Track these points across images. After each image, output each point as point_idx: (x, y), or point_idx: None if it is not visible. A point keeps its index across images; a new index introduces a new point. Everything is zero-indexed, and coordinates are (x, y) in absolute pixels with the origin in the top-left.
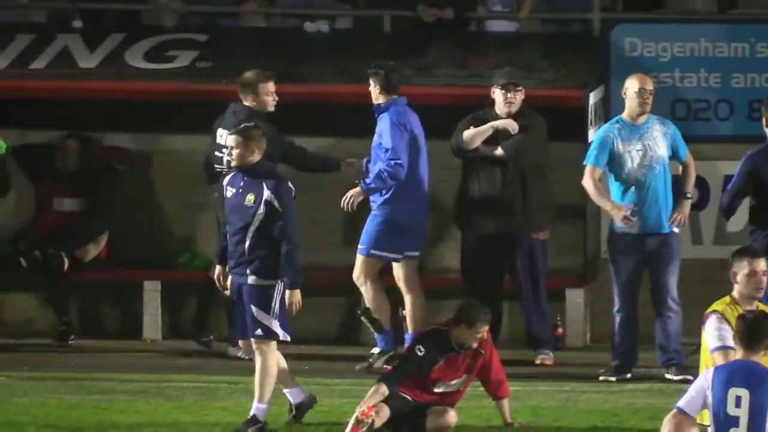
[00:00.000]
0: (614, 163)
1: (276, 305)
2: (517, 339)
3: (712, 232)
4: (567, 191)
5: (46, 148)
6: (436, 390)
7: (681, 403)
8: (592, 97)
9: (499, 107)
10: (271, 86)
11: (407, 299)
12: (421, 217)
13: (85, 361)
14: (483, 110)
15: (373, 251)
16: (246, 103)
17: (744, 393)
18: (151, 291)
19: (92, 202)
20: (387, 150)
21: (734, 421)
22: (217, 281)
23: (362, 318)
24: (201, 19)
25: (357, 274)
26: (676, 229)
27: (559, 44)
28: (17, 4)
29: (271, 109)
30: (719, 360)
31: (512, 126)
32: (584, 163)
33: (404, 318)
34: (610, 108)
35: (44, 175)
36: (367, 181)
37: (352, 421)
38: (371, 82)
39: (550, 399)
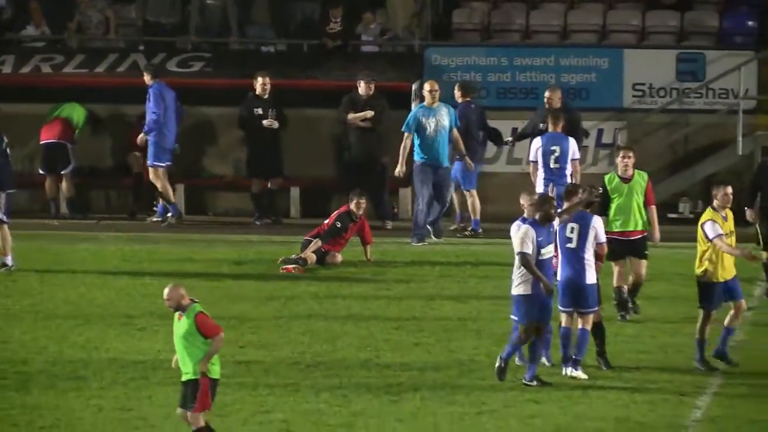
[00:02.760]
0: (420, 129)
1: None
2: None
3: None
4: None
5: None
6: (340, 242)
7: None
8: (414, 86)
9: (362, 92)
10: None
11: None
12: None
13: None
14: (353, 93)
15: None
16: None
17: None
18: None
19: None
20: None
21: None
22: None
23: (159, 196)
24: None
25: (152, 177)
26: (448, 165)
27: (397, 58)
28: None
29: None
30: (718, 241)
31: (370, 115)
32: (402, 130)
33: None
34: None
35: None
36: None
37: (290, 264)
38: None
39: (402, 249)
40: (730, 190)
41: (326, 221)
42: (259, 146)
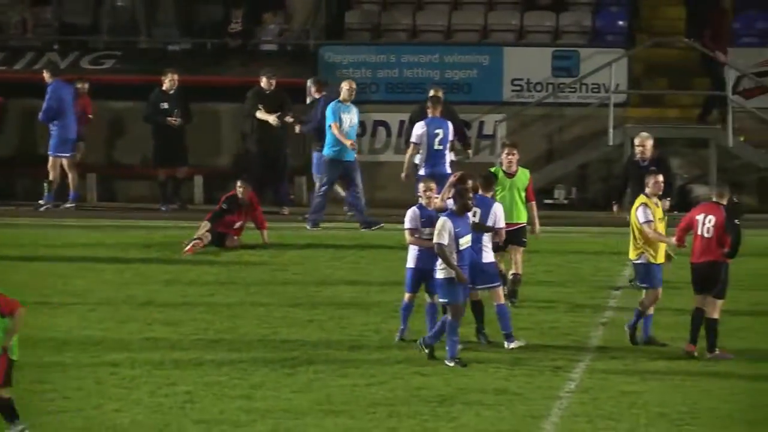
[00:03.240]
0: (339, 121)
1: None
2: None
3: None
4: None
5: None
6: (235, 227)
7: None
8: (308, 83)
9: (264, 86)
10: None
11: None
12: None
13: None
14: (257, 87)
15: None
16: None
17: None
18: None
19: None
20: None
21: None
22: None
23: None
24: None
25: (50, 165)
26: (356, 156)
27: (293, 56)
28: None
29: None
30: (647, 227)
31: (273, 119)
32: (329, 122)
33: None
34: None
35: None
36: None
37: (190, 244)
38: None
39: (298, 233)
40: (660, 178)
41: (217, 205)
42: (166, 138)
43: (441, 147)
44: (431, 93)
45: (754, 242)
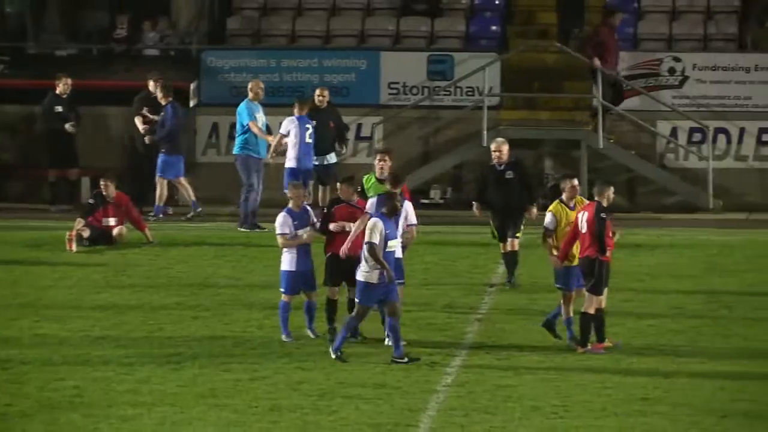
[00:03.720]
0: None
1: None
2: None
3: None
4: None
5: None
6: (110, 223)
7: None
8: (192, 86)
9: (152, 89)
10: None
11: None
12: None
13: None
14: (144, 91)
15: None
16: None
17: None
18: None
19: None
20: None
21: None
22: None
23: None
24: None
25: None
26: (270, 160)
27: (177, 60)
28: None
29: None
30: (545, 233)
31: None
32: (247, 122)
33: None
34: (200, 90)
35: None
36: None
37: (69, 239)
38: None
39: (183, 232)
40: (576, 182)
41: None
42: (57, 140)
43: (311, 141)
44: (317, 93)
45: (624, 241)
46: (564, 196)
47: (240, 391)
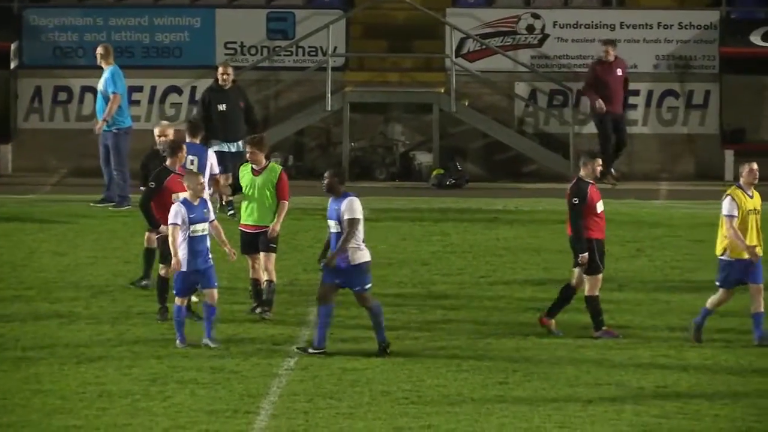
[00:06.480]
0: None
1: None
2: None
3: None
4: None
5: None
6: None
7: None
8: (13, 47)
9: None
10: None
11: None
12: None
13: None
14: None
15: None
16: None
17: None
18: None
19: None
20: None
21: None
22: None
23: None
24: None
25: None
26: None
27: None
28: None
29: None
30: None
31: None
32: (114, 91)
33: None
34: (22, 51)
35: None
36: None
37: None
38: None
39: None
40: (755, 166)
41: None
42: None
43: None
44: (219, 71)
45: (479, 213)
46: (742, 181)
47: (66, 376)
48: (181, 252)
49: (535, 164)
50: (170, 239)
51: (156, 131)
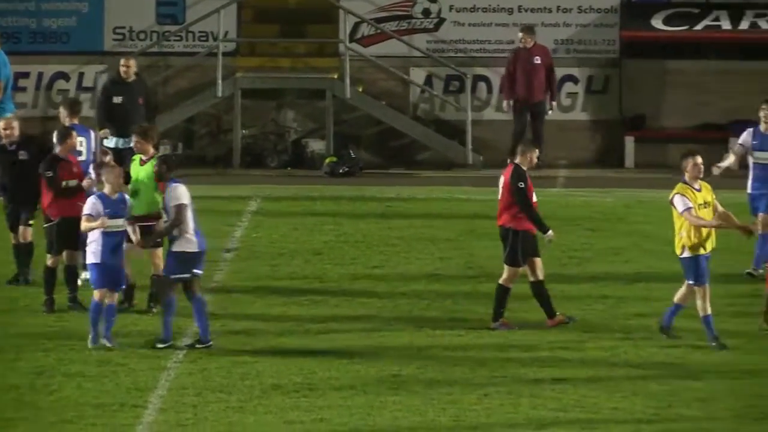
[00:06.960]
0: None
1: None
2: None
3: None
4: None
5: None
6: None
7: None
8: None
9: None
10: None
11: None
12: None
13: None
14: None
15: None
16: None
17: None
18: None
19: None
20: None
21: None
22: None
23: None
24: None
25: None
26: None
27: None
28: None
29: None
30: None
31: None
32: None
33: None
34: None
35: None
36: None
37: None
38: None
39: None
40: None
41: None
42: None
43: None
44: (121, 63)
45: (373, 201)
46: (687, 177)
47: None
48: (94, 245)
49: (430, 151)
50: (83, 229)
51: (1, 124)
